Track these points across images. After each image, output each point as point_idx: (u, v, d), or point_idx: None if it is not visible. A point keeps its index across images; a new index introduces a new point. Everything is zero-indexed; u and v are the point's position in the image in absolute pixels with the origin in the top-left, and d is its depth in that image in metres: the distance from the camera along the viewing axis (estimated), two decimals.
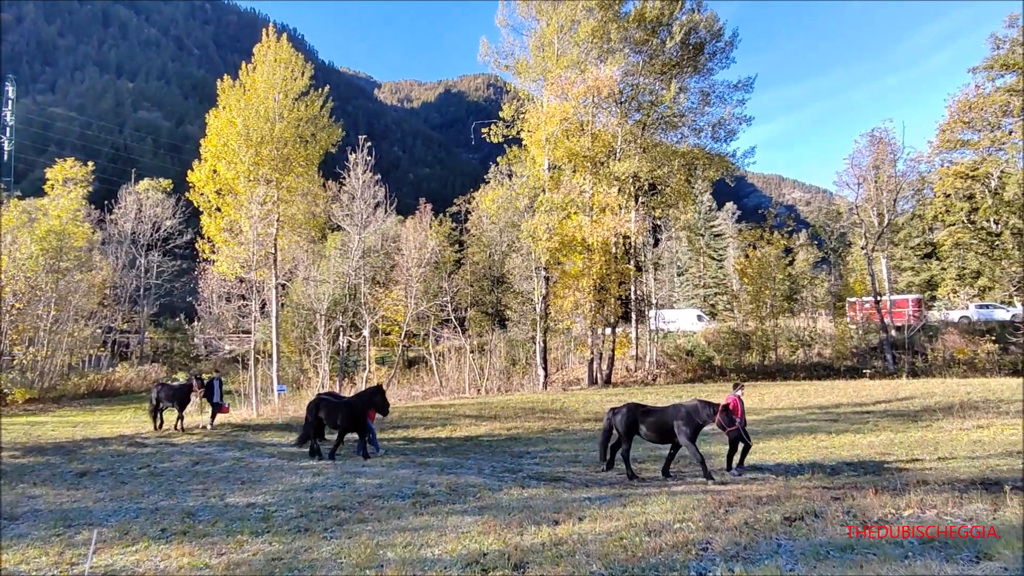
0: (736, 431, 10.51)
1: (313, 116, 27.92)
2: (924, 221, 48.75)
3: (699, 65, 35.37)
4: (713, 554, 5.33)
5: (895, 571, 4.29)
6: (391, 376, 33.63)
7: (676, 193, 36.58)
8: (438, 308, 37.34)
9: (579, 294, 29.68)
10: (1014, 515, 5.84)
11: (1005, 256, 43.09)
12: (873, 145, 38.89)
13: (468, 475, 11.11)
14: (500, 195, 35.66)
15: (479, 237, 53.22)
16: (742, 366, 37.39)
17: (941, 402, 19.54)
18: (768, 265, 39.79)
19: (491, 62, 35.85)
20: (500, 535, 6.56)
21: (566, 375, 35.81)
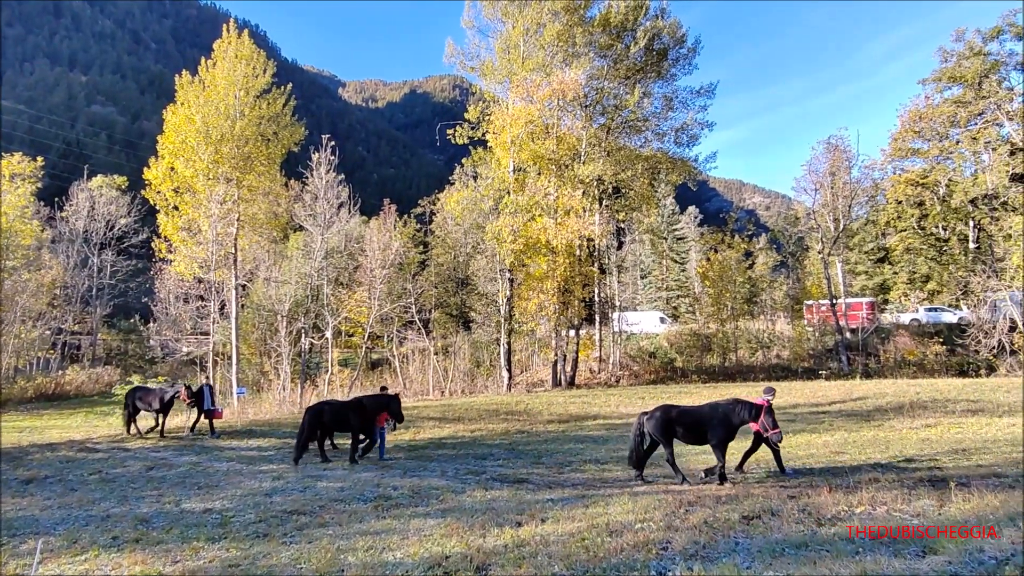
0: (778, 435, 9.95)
1: (275, 114, 27.48)
2: (877, 227, 50.25)
3: (662, 71, 35.89)
4: (673, 553, 5.40)
5: (846, 567, 4.40)
6: (354, 378, 33.25)
7: (640, 196, 37.03)
8: (402, 310, 37.07)
9: (543, 296, 29.80)
10: (959, 511, 6.06)
11: (952, 261, 44.70)
12: (829, 152, 40.00)
13: (431, 478, 11.05)
14: (465, 196, 35.57)
15: (444, 238, 53.05)
16: (703, 368, 38.01)
17: (892, 402, 20.16)
18: (729, 268, 40.57)
19: (457, 63, 35.81)
20: (463, 537, 6.54)
21: (530, 377, 35.89)
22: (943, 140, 45.12)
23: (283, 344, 31.26)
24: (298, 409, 25.73)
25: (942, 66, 44.66)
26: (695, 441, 10.25)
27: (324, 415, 13.13)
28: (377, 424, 13.30)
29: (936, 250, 46.37)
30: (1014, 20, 40.98)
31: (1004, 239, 38.73)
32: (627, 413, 21.62)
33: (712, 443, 9.88)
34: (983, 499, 6.45)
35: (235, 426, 19.70)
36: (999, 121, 40.84)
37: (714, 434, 9.85)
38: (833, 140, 40.19)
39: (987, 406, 18.29)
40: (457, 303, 50.01)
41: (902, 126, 46.52)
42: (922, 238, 46.93)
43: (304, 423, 13.14)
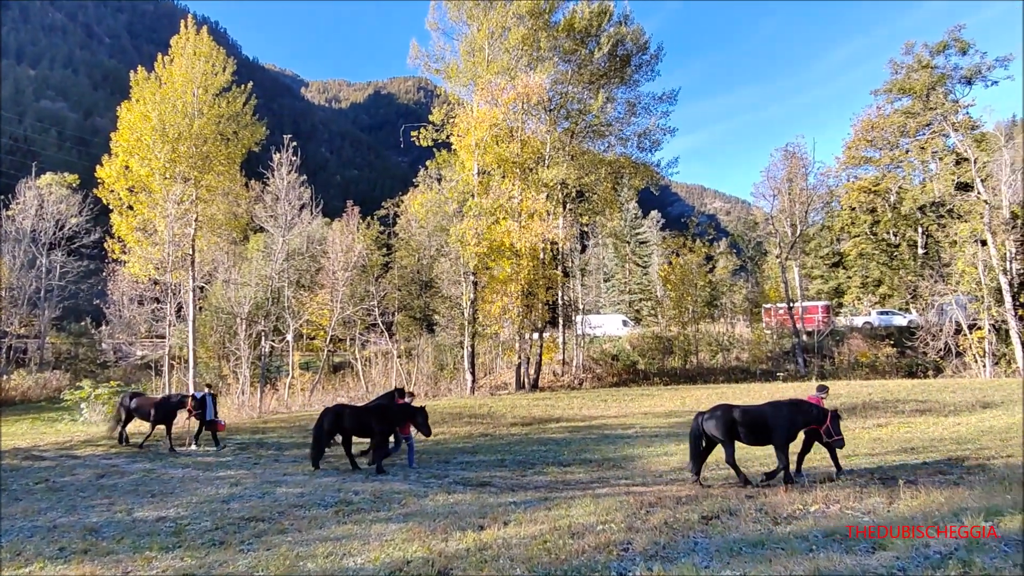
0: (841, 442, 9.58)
1: (235, 113, 26.93)
2: (832, 232, 51.69)
3: (626, 76, 36.31)
4: (634, 554, 5.46)
5: (800, 564, 4.52)
6: (315, 381, 32.78)
7: (603, 200, 37.37)
8: (365, 312, 36.73)
9: (507, 299, 29.84)
10: (907, 507, 6.27)
11: (902, 266, 46.24)
12: (787, 159, 41.06)
13: (393, 482, 10.97)
14: (429, 199, 35.39)
15: (408, 241, 52.69)
16: (665, 370, 38.54)
17: (846, 403, 20.71)
18: (690, 272, 41.24)
19: (421, 65, 35.66)
20: (425, 542, 6.50)
21: (494, 380, 35.89)
22: (894, 149, 46.72)
23: (242, 347, 30.63)
24: (257, 414, 25.25)
25: (892, 78, 46.26)
26: (755, 442, 9.93)
27: (344, 419, 12.54)
28: (403, 432, 12.84)
29: (887, 255, 47.93)
30: (959, 35, 42.68)
31: (950, 245, 40.22)
32: (590, 415, 21.80)
33: (776, 444, 9.50)
34: (929, 496, 6.68)
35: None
36: (945, 132, 42.42)
37: (779, 435, 9.48)
38: (790, 147, 41.31)
39: (934, 406, 18.96)
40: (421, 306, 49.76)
41: (855, 135, 48.02)
42: (874, 243, 48.46)
43: (321, 426, 12.56)
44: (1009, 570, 3.94)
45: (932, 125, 43.61)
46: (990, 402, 19.14)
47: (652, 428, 18.22)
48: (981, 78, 43.03)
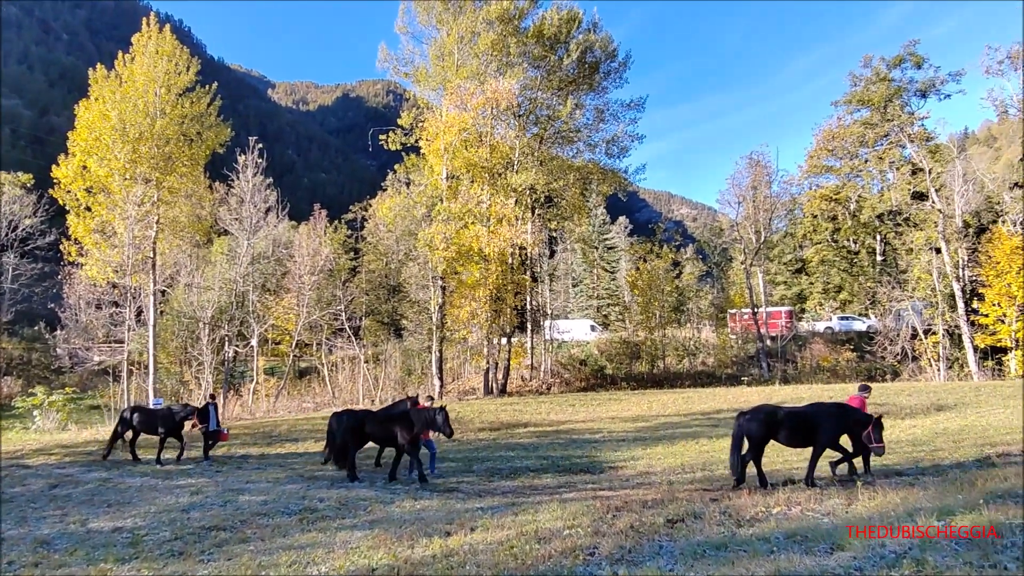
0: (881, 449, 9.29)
1: (199, 114, 26.41)
2: (795, 239, 52.81)
3: (594, 83, 36.65)
4: (600, 558, 5.48)
5: (762, 566, 4.59)
6: (280, 387, 32.29)
7: (571, 206, 37.60)
8: (331, 317, 36.29)
9: (475, 304, 29.80)
10: (864, 508, 6.42)
11: (862, 272, 47.46)
12: (751, 167, 41.90)
13: (359, 488, 10.84)
14: (397, 203, 35.21)
15: (376, 245, 52.25)
16: (633, 375, 38.86)
17: None
18: (657, 278, 41.72)
19: (390, 69, 35.47)
20: (391, 549, 6.43)
21: (462, 385, 35.78)
22: (853, 159, 48.03)
23: (205, 352, 30.02)
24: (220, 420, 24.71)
25: (852, 89, 47.59)
26: (796, 443, 9.79)
27: (367, 425, 12.00)
28: (423, 437, 12.29)
29: (848, 262, 49.15)
30: (914, 50, 44.13)
31: (906, 253, 41.50)
32: (558, 420, 21.87)
33: (819, 445, 9.38)
34: (886, 497, 6.86)
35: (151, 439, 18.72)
36: (902, 143, 43.76)
37: (824, 437, 9.35)
38: (755, 155, 42.20)
39: (892, 409, 19.46)
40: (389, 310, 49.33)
41: (817, 144, 49.23)
42: (835, 250, 49.65)
43: (344, 434, 11.98)
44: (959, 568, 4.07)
45: (889, 136, 44.96)
46: (944, 405, 19.74)
47: (619, 433, 18.36)
48: (935, 91, 44.58)
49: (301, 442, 17.71)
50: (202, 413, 15.04)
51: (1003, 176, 43.61)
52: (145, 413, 15.56)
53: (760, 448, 9.57)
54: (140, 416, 15.28)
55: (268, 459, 14.60)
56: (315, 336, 37.42)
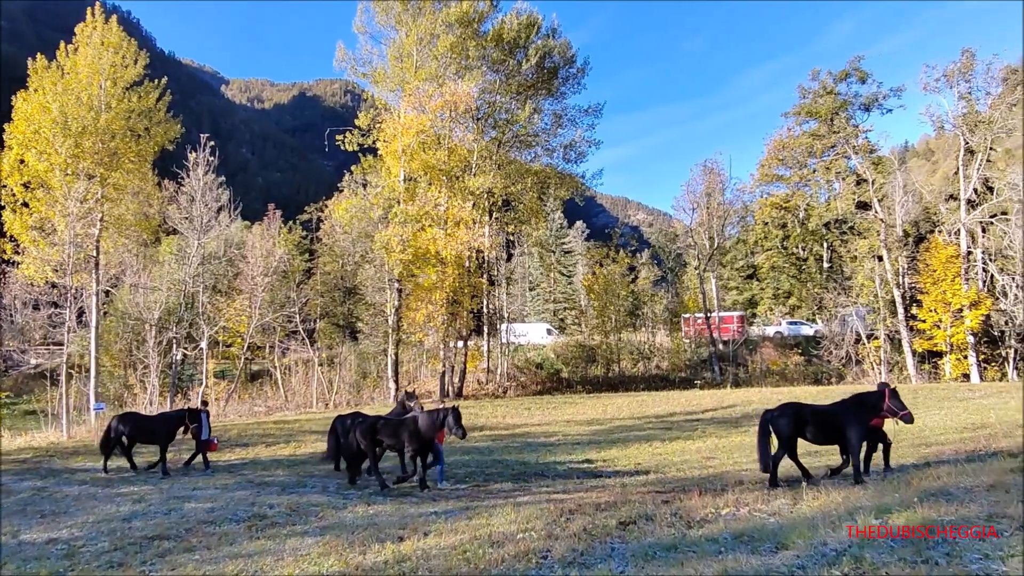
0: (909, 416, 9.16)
1: (148, 109, 25.58)
2: (747, 245, 54.15)
3: (553, 88, 36.95)
4: (552, 561, 5.50)
5: (710, 566, 4.69)
6: (231, 390, 31.48)
7: (529, 210, 37.75)
8: (285, 319, 35.63)
9: (432, 307, 29.64)
10: (808, 508, 6.62)
11: (810, 279, 48.97)
12: (706, 175, 42.93)
13: (311, 494, 10.65)
14: (354, 204, 34.73)
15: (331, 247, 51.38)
16: (588, 378, 39.21)
17: (758, 409, 21.56)
18: (613, 282, 42.23)
19: (348, 68, 35.04)
20: (342, 555, 6.33)
21: (418, 388, 35.44)
22: (802, 168, 49.48)
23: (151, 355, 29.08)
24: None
25: (801, 102, 49.04)
26: (822, 441, 9.72)
27: (378, 431, 11.45)
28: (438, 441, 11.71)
29: (797, 268, 50.65)
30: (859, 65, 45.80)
31: (851, 260, 43.00)
32: (513, 424, 21.90)
33: (851, 441, 9.25)
34: (829, 497, 7.08)
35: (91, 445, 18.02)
36: (847, 154, 45.30)
37: (855, 433, 9.20)
38: (709, 163, 43.23)
39: None
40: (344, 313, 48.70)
41: (768, 154, 50.57)
42: (785, 257, 51.11)
43: (355, 439, 11.47)
44: (895, 564, 4.24)
45: (836, 147, 46.48)
46: None
47: (574, 436, 18.50)
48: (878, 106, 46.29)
49: (252, 447, 17.30)
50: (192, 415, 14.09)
51: (940, 188, 45.62)
52: (138, 421, 14.48)
53: (790, 445, 9.60)
54: (132, 426, 14.08)
55: (216, 464, 14.20)
56: (268, 338, 36.67)
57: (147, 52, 26.63)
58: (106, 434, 13.90)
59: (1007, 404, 18.36)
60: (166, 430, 13.75)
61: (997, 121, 34.72)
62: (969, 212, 35.43)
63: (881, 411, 9.16)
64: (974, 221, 35.46)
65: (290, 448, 16.93)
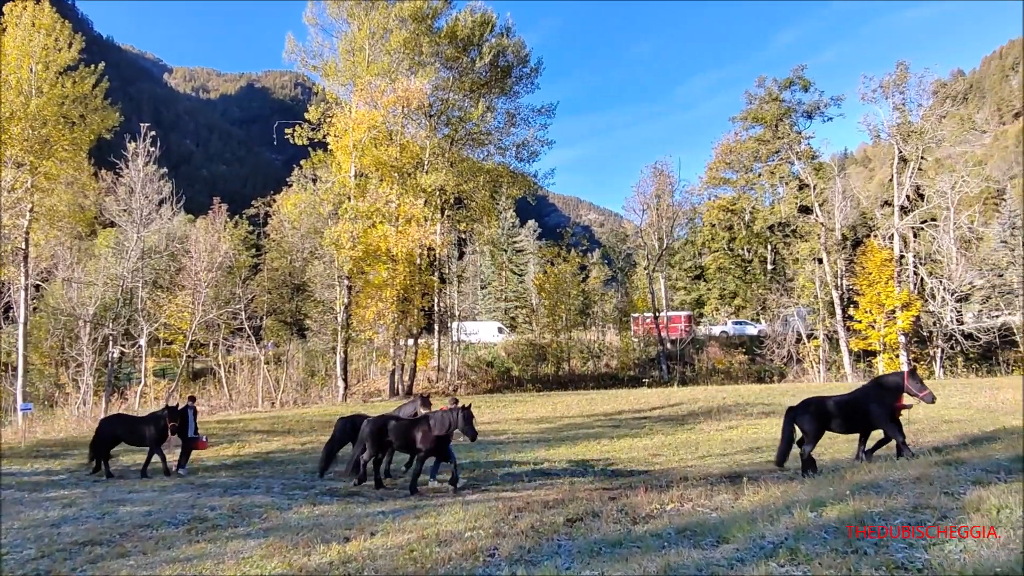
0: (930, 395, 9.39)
1: (83, 95, 24.54)
2: (695, 246, 55.38)
3: (506, 87, 37.01)
4: (499, 559, 5.50)
5: (653, 561, 4.77)
6: (171, 389, 30.46)
7: (481, 208, 37.75)
8: (230, 316, 34.68)
9: (382, 304, 29.32)
10: (749, 502, 6.80)
11: (754, 280, 50.39)
12: (656, 176, 43.69)
13: (255, 495, 10.40)
14: (303, 200, 34.08)
15: (279, 242, 50.35)
16: (538, 377, 39.42)
17: (703, 407, 22.25)
18: (564, 281, 42.55)
19: (298, 60, 34.36)
20: (285, 557, 6.19)
21: (367, 386, 35.13)
22: (748, 172, 50.98)
23: (85, 353, 27.89)
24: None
25: (748, 107, 50.51)
26: (850, 430, 9.75)
27: (388, 432, 10.97)
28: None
29: (742, 270, 52.06)
30: (802, 74, 47.43)
31: (793, 262, 44.48)
32: None
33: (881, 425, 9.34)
34: (769, 491, 7.28)
35: (18, 448, 17.18)
36: (791, 160, 46.85)
37: (881, 415, 9.30)
38: (659, 165, 44.06)
39: (778, 409, 20.73)
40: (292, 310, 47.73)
41: (716, 157, 51.91)
42: (731, 258, 52.46)
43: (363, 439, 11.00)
44: (827, 554, 4.41)
45: (780, 153, 48.04)
46: None
47: (524, 434, 18.57)
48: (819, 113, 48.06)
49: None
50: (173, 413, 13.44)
51: (876, 194, 47.60)
52: (128, 422, 13.88)
53: (816, 440, 9.61)
54: (122, 427, 13.55)
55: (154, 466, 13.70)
56: (212, 336, 35.64)
57: (83, 36, 25.59)
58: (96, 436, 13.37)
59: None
60: (157, 431, 13.15)
61: (928, 132, 36.44)
62: (902, 218, 37.06)
63: (902, 392, 9.32)
64: (906, 227, 37.11)
65: (234, 448, 16.51)
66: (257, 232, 54.47)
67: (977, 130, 43.26)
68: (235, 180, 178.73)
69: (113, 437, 13.39)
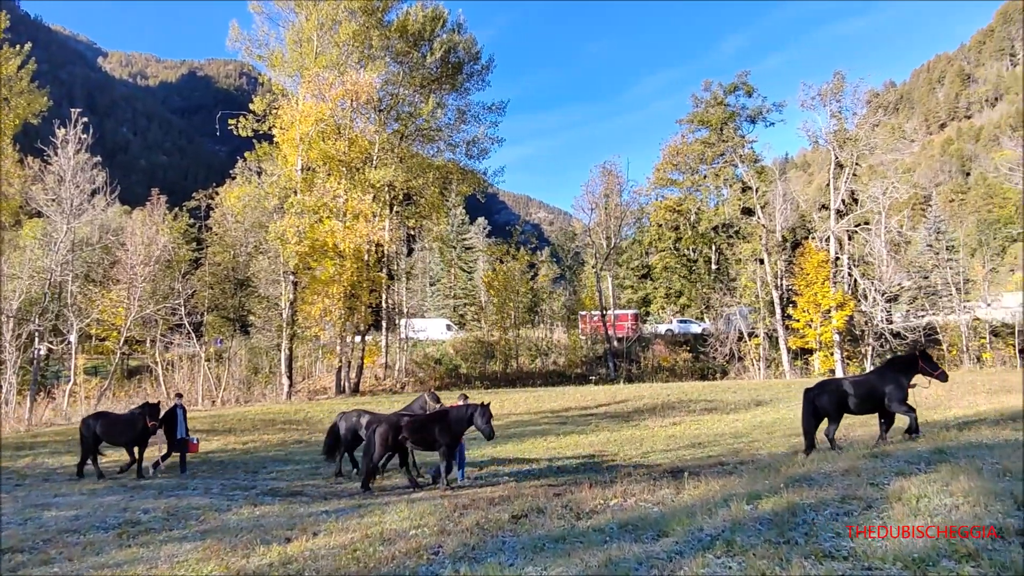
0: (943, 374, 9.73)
1: (8, 77, 23.25)
2: (642, 246, 56.32)
3: (457, 84, 36.82)
4: (443, 557, 5.49)
5: (595, 556, 4.85)
6: (104, 388, 29.22)
7: (430, 205, 37.46)
8: (169, 311, 33.49)
9: (329, 300, 28.80)
10: (690, 496, 6.98)
11: (699, 279, 51.58)
12: (605, 176, 44.23)
13: (192, 496, 10.10)
14: (247, 193, 33.15)
15: (222, 236, 48.91)
16: (487, 374, 39.42)
17: (648, 404, 22.69)
18: (513, 279, 42.67)
19: (242, 49, 33.37)
20: (223, 560, 6.03)
21: (313, 384, 34.49)
22: (694, 174, 52.27)
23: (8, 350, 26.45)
24: (26, 427, 21.94)
25: (694, 110, 51.78)
26: (866, 410, 9.99)
27: (403, 430, 10.56)
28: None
29: (687, 269, 53.22)
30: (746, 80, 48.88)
31: (736, 262, 45.76)
32: None
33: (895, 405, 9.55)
34: (708, 485, 7.49)
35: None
36: (735, 162, 48.21)
37: (896, 395, 9.51)
38: (608, 165, 44.58)
39: (719, 405, 21.39)
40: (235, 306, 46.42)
41: (663, 159, 53.02)
42: (677, 258, 53.56)
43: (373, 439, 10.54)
44: (761, 545, 4.57)
45: (724, 156, 49.40)
46: (762, 400, 21.99)
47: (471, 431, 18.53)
48: (762, 118, 49.72)
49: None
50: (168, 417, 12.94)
51: (814, 198, 49.39)
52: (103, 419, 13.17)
53: (839, 419, 9.94)
54: (103, 423, 12.88)
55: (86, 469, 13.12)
56: (149, 332, 34.32)
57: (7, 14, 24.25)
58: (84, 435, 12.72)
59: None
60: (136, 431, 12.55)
61: (862, 139, 38.00)
62: (838, 221, 38.53)
63: (916, 372, 9.64)
64: (842, 229, 38.60)
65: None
66: (198, 225, 52.80)
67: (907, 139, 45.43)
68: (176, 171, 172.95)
69: (94, 436, 12.71)
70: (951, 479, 5.78)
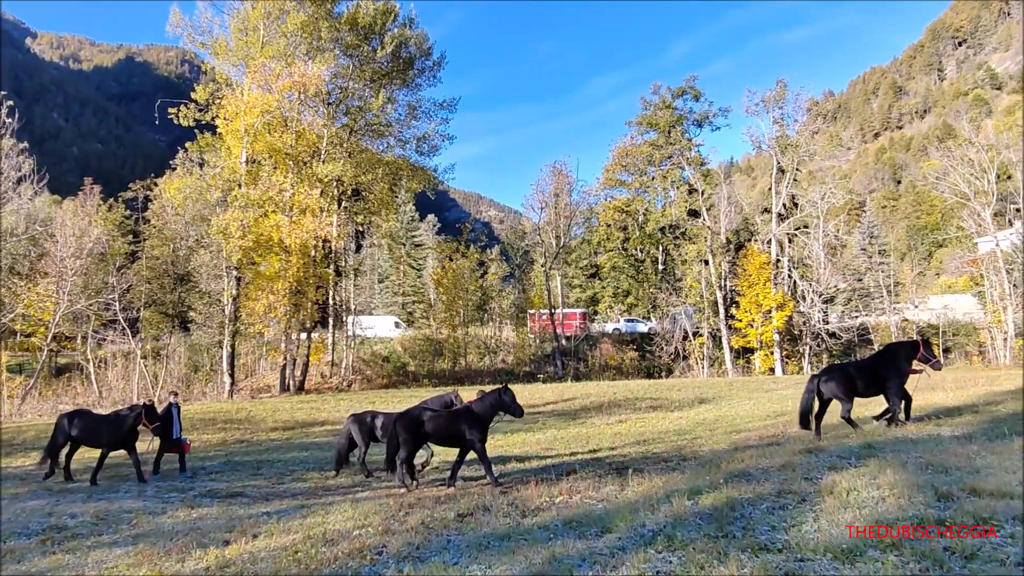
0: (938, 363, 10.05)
1: None
2: (591, 245, 57.02)
3: (408, 79, 36.47)
4: (387, 557, 5.44)
5: (539, 553, 4.88)
6: (29, 386, 27.83)
7: (380, 201, 36.97)
8: (102, 306, 32.11)
9: (274, 297, 28.13)
10: (634, 493, 7.10)
11: (646, 279, 52.57)
12: (555, 176, 44.61)
13: (124, 499, 9.69)
14: (188, 184, 32.00)
15: (161, 229, 47.06)
16: (435, 372, 39.24)
17: (595, 402, 22.97)
18: (463, 277, 42.60)
19: (184, 36, 32.14)
20: (157, 565, 5.81)
21: (256, 382, 33.69)
22: (643, 175, 53.23)
23: None
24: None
25: (643, 113, 52.72)
26: (871, 392, 10.15)
27: (424, 424, 9.93)
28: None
29: (635, 269, 54.16)
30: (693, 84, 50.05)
31: (682, 263, 46.83)
32: None
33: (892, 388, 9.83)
34: (652, 482, 7.64)
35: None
36: (682, 165, 49.30)
37: (895, 380, 9.79)
38: (558, 165, 45.01)
39: (664, 403, 21.82)
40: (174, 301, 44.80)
41: (613, 159, 53.84)
42: (625, 258, 54.44)
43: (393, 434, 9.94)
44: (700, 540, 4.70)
45: (672, 158, 50.46)
46: (705, 398, 22.55)
47: None
48: (709, 123, 51.01)
49: None
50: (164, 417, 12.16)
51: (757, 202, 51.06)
52: (87, 419, 12.25)
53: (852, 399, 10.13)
54: (80, 423, 11.94)
55: (6, 472, 12.46)
56: (80, 328, 32.85)
57: None
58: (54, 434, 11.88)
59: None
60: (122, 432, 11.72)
61: (802, 146, 39.46)
62: (779, 224, 39.88)
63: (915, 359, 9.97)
64: (782, 232, 39.98)
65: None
66: (136, 217, 50.74)
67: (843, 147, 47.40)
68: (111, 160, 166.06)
69: (68, 436, 11.85)
70: (878, 473, 6.06)
